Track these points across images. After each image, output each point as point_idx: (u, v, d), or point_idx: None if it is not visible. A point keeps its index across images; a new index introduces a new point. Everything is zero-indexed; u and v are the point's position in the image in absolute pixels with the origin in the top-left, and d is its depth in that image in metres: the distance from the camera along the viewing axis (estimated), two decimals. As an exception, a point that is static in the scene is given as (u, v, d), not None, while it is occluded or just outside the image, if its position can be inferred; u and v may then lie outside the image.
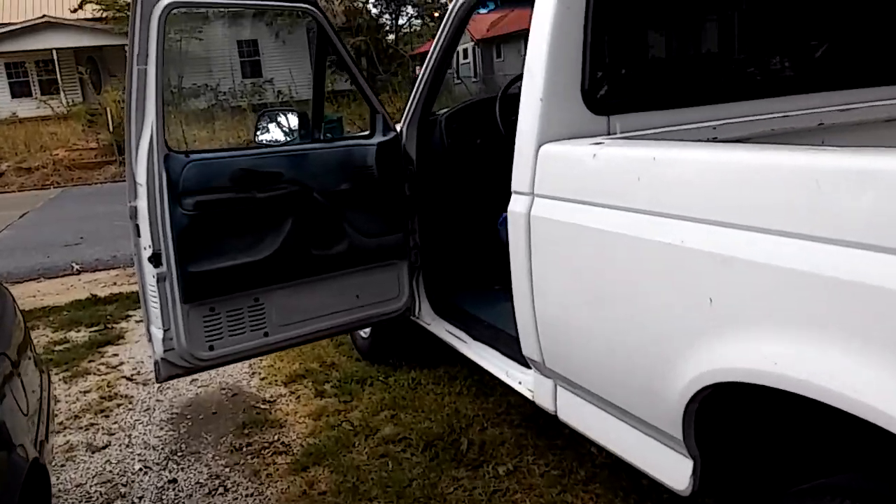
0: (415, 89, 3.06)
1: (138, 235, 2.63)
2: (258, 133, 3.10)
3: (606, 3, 2.09)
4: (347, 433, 3.24)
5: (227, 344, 2.75)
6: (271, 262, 2.75)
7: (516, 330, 2.27)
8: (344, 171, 2.93)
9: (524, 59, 2.15)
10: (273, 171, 2.76)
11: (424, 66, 2.99)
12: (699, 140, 2.10)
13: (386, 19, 32.07)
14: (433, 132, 3.16)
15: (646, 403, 1.70)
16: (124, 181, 2.69)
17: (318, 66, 2.92)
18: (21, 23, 22.79)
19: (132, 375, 4.23)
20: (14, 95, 23.94)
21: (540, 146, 2.05)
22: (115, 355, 4.59)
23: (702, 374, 1.46)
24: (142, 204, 2.57)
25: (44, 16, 22.95)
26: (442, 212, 3.28)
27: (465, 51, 32.44)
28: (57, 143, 17.73)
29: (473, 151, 3.16)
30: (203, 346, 2.70)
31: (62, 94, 23.56)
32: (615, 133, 2.11)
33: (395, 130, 3.08)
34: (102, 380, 4.18)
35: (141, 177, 2.54)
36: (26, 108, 22.64)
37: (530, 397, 2.35)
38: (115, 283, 6.54)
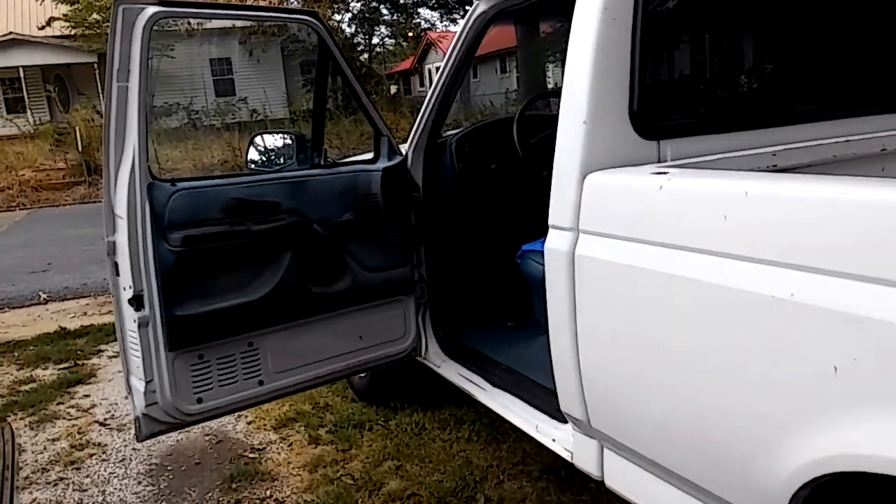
0: (422, 110, 2.80)
1: (117, 274, 2.32)
2: (251, 157, 2.81)
3: (658, 15, 1.85)
4: (348, 488, 2.94)
5: (218, 395, 2.45)
6: (268, 303, 2.46)
7: (553, 381, 2.00)
8: (346, 199, 2.66)
9: (562, 76, 1.90)
10: (269, 200, 2.48)
11: (434, 85, 2.74)
12: (759, 168, 1.86)
13: (360, 39, 32.00)
14: (442, 156, 2.90)
15: (731, 484, 1.44)
16: (94, 202, 2.39)
17: (320, 82, 2.65)
18: (-14, 40, 22.20)
19: (105, 420, 3.88)
20: (-21, 114, 23.24)
21: (585, 175, 1.79)
22: (87, 396, 4.23)
23: (819, 461, 1.20)
24: (121, 239, 2.27)
25: (10, 32, 22.37)
26: (451, 242, 3.02)
27: (438, 69, 32.42)
28: (23, 163, 17.18)
29: (487, 177, 2.91)
30: (190, 399, 2.39)
31: (29, 112, 22.95)
32: (665, 160, 1.87)
33: (401, 154, 2.82)
34: (73, 425, 3.82)
35: (121, 208, 2.25)
36: (-9, 126, 21.99)
37: (568, 458, 2.07)
38: (85, 314, 6.16)
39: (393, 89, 31.04)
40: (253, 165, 2.81)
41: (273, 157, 2.80)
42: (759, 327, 1.31)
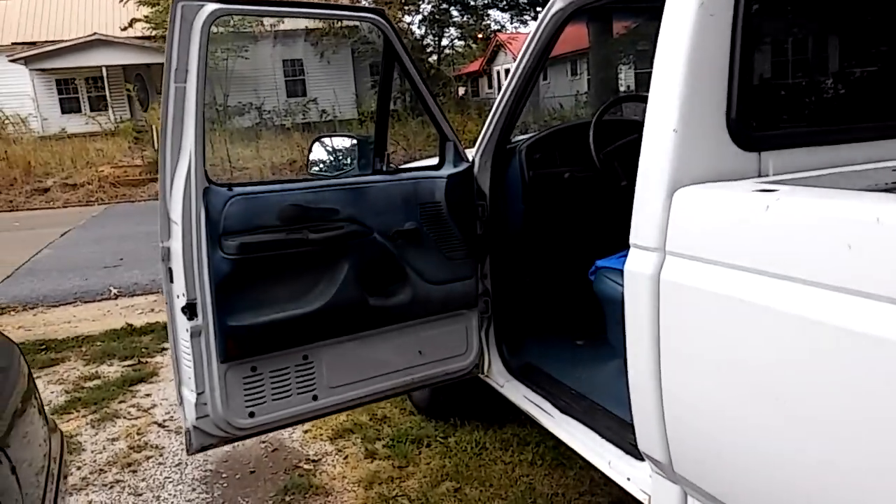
0: (491, 113, 2.64)
1: (171, 281, 2.24)
2: (312, 160, 2.70)
3: (761, 10, 1.64)
4: (404, 509, 2.80)
5: (271, 409, 2.34)
6: (324, 314, 2.34)
7: (629, 414, 1.81)
8: (409, 207, 2.52)
9: (651, 79, 1.70)
10: (328, 207, 2.36)
11: (504, 87, 2.57)
12: (877, 186, 1.63)
13: (429, 41, 32.05)
14: (511, 163, 2.73)
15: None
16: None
17: (384, 83, 2.51)
18: (72, 40, 23.11)
19: (164, 421, 3.85)
20: (63, 111, 24.23)
21: (674, 190, 1.60)
22: (148, 395, 4.23)
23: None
24: (176, 245, 2.18)
25: (94, 33, 23.24)
26: (519, 255, 2.84)
27: (508, 71, 32.16)
28: (103, 159, 17.79)
29: (560, 187, 2.72)
30: (242, 413, 2.29)
31: (110, 110, 23.81)
32: (767, 174, 1.66)
33: (467, 161, 2.66)
34: (132, 425, 3.81)
35: (176, 213, 2.16)
36: (75, 123, 22.89)
37: (645, 502, 1.87)
38: (152, 310, 6.23)
39: (461, 91, 30.94)
40: (314, 169, 2.70)
41: (334, 161, 2.69)
42: (891, 378, 1.09)
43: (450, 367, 2.71)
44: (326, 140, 2.76)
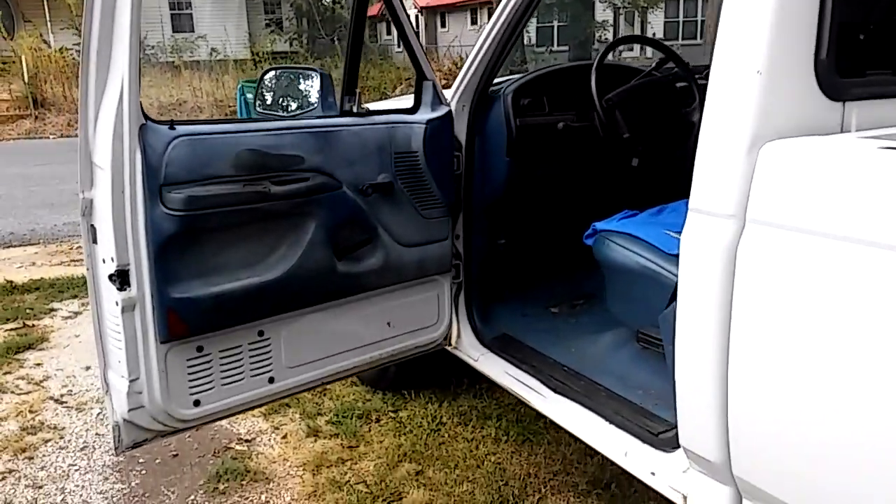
0: (473, 52, 2.29)
1: (94, 242, 1.78)
2: (261, 99, 2.26)
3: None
4: (363, 498, 2.48)
5: (219, 396, 1.95)
6: (286, 284, 1.96)
7: (638, 397, 1.58)
8: (382, 157, 2.15)
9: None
10: (292, 154, 1.96)
11: (492, 20, 2.22)
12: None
13: (324, -21, 30.75)
14: (492, 109, 2.40)
15: None
16: (41, 138, 1.85)
17: (360, 4, 2.09)
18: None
19: (62, 396, 3.33)
20: (-88, 36, 21.46)
21: (759, 145, 1.33)
22: (38, 364, 3.66)
23: None
24: (101, 196, 1.73)
25: (-52, -52, 20.57)
26: (496, 214, 2.54)
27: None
28: (-38, 92, 15.88)
29: (551, 137, 2.41)
30: (186, 402, 1.89)
31: (-32, 38, 21.30)
32: (850, 128, 1.42)
33: (447, 105, 2.30)
34: (23, 402, 3.26)
35: (102, 156, 1.70)
36: (-74, 52, 20.33)
37: (678, 502, 1.65)
38: (33, 264, 5.51)
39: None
40: (262, 110, 2.26)
41: (291, 99, 2.26)
42: None
43: (420, 340, 2.40)
44: (281, 73, 2.32)
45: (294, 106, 2.21)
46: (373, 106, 2.57)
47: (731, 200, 1.36)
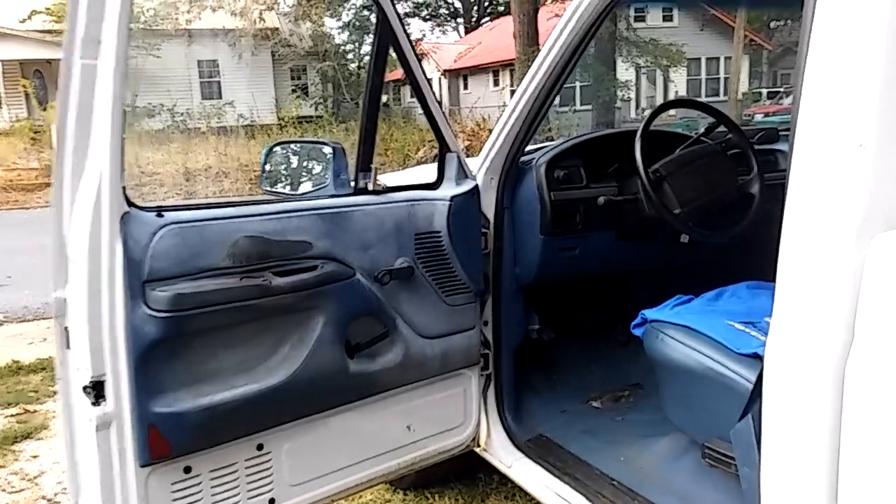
0: (502, 120, 2.06)
1: (67, 347, 1.54)
2: (266, 177, 2.04)
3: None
4: None
5: None
6: (290, 389, 1.69)
7: None
8: (401, 238, 1.90)
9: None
10: (298, 240, 1.72)
11: (523, 86, 2.00)
12: None
13: (350, 47, 31.51)
14: (522, 182, 2.15)
15: None
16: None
17: (376, 73, 1.88)
18: (-36, 31, 21.16)
19: (55, 496, 3.06)
20: (-48, 108, 22.14)
21: (870, 237, 1.06)
22: (35, 457, 3.40)
23: None
24: (76, 295, 1.49)
25: (-11, 24, 21.36)
26: (529, 298, 2.27)
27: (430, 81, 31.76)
28: (-6, 161, 16.17)
29: (591, 213, 2.16)
30: (170, 534, 1.61)
31: (5, 108, 21.88)
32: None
33: (473, 178, 2.07)
34: (13, 503, 3.00)
35: (77, 249, 1.47)
36: (-34, 122, 20.92)
37: None
38: (44, 339, 5.31)
39: (383, 98, 30.39)
40: (270, 185, 2.04)
41: (300, 176, 2.04)
42: None
43: (445, 444, 2.11)
44: (287, 147, 2.11)
45: (303, 184, 1.99)
46: (391, 179, 2.35)
47: (830, 307, 1.08)
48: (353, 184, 1.92)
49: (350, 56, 31.06)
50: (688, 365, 1.68)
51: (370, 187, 1.89)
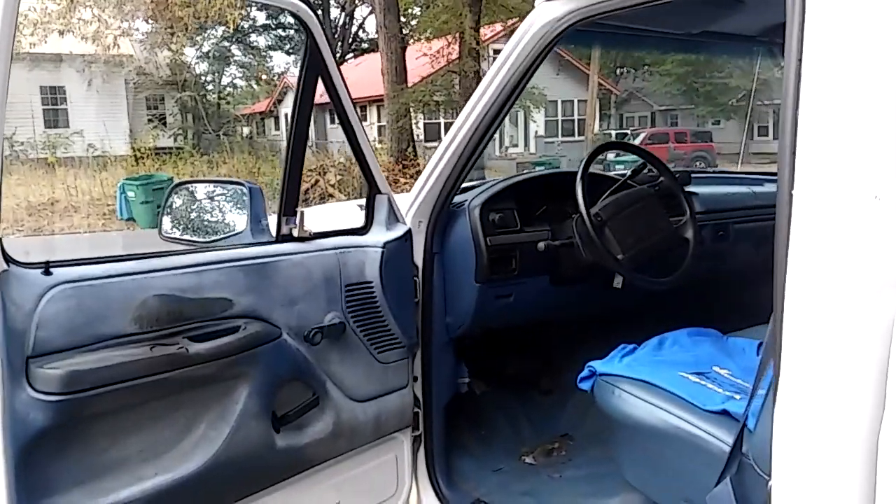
0: (433, 161, 1.91)
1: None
2: (166, 223, 1.75)
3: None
4: None
5: None
6: (207, 476, 1.43)
7: None
8: (330, 291, 1.69)
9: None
10: (217, 297, 1.47)
11: (457, 124, 1.86)
12: None
13: (209, 78, 30.56)
14: (454, 226, 2.00)
15: None
16: None
17: (303, 104, 1.65)
18: None
19: None
20: None
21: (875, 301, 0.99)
22: None
23: None
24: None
25: None
26: (462, 350, 2.11)
27: (287, 116, 31.21)
28: None
29: (528, 259, 2.03)
30: None
31: None
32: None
33: (404, 222, 1.89)
34: None
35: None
36: None
37: None
38: None
39: (245, 131, 29.56)
40: (170, 236, 1.75)
41: (209, 222, 1.77)
42: None
43: (376, 518, 1.89)
44: (194, 187, 1.83)
45: (215, 230, 1.73)
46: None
47: (855, 373, 1.00)
48: (274, 230, 1.68)
49: (210, 87, 30.11)
50: (651, 424, 1.58)
51: (295, 233, 1.67)
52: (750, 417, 1.39)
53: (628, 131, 26.00)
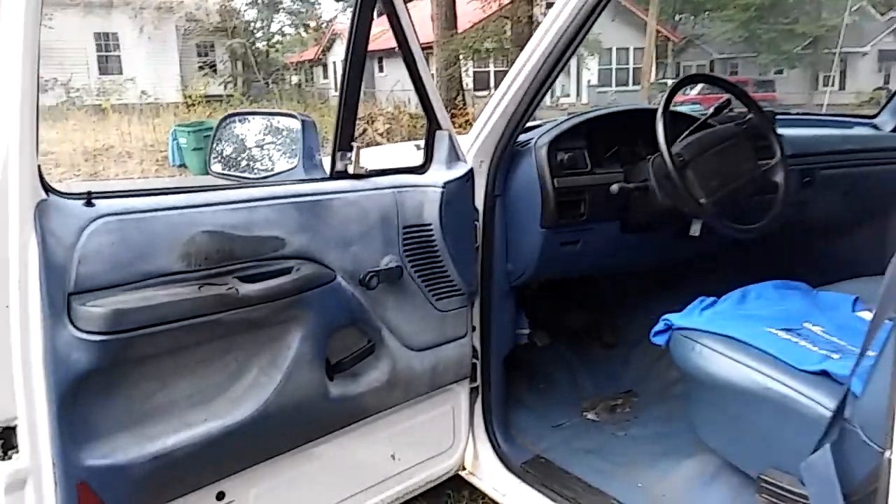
0: (495, 98, 1.75)
1: (-38, 381, 1.14)
2: (217, 155, 1.65)
3: None
4: None
5: None
6: (258, 424, 1.35)
7: None
8: (387, 232, 1.58)
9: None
10: (268, 235, 1.37)
11: (522, 57, 1.70)
12: None
13: (258, 25, 30.45)
14: (520, 167, 1.86)
15: None
16: None
17: (358, 38, 1.51)
18: None
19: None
20: None
21: None
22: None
23: None
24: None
25: None
26: (525, 298, 2.00)
27: (336, 64, 30.91)
28: None
29: (599, 203, 1.88)
30: None
31: None
32: None
33: (465, 161, 1.76)
34: None
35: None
36: None
37: None
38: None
39: (294, 79, 29.50)
40: (221, 169, 1.65)
41: (261, 157, 1.67)
42: None
43: (432, 472, 1.81)
44: (245, 119, 1.72)
45: (265, 165, 1.62)
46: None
47: None
48: (329, 166, 1.57)
49: (259, 34, 30.03)
50: (738, 383, 1.44)
51: (351, 170, 1.55)
52: (855, 380, 1.24)
53: (686, 80, 25.05)
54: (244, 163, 1.68)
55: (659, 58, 27.11)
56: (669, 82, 25.04)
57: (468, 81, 20.73)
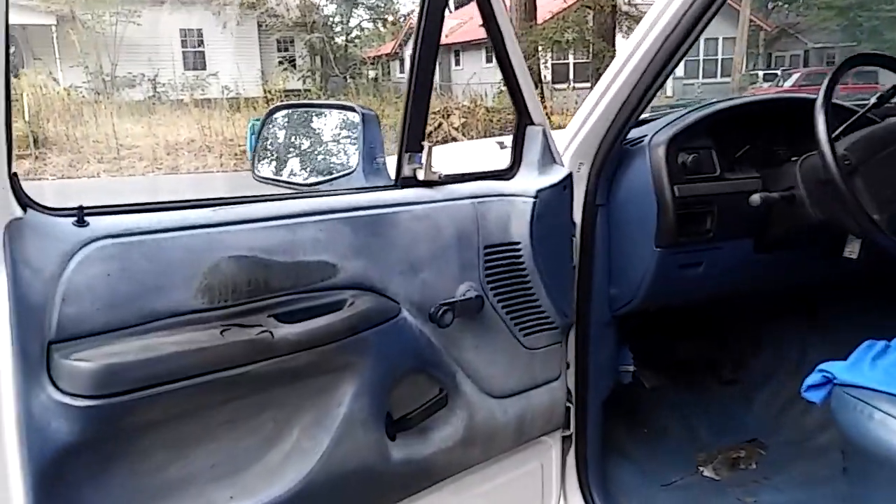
0: (600, 87, 1.41)
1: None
2: (261, 158, 1.37)
3: None
4: None
5: None
6: (302, 501, 1.05)
7: None
8: (465, 254, 1.26)
9: None
10: (315, 260, 1.07)
11: (632, 42, 1.35)
12: None
13: (337, 20, 30.64)
14: (629, 171, 1.51)
15: None
16: (40, 179, 0.95)
17: (431, 25, 1.19)
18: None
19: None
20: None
21: None
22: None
23: None
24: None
25: (-42, -14, 20.24)
26: (625, 328, 1.65)
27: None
28: None
29: (730, 216, 1.52)
30: None
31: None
32: None
33: (562, 163, 1.42)
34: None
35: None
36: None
37: None
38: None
39: (371, 73, 29.60)
40: (265, 174, 1.37)
41: (312, 159, 1.38)
42: None
43: (514, 546, 1.49)
44: (297, 112, 1.44)
45: (317, 169, 1.33)
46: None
47: None
48: (393, 172, 1.26)
49: (338, 29, 30.23)
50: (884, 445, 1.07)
51: (421, 176, 1.24)
52: None
53: (778, 71, 23.80)
54: (292, 166, 1.40)
55: (749, 47, 25.82)
56: (761, 73, 23.90)
57: (546, 74, 20.17)
